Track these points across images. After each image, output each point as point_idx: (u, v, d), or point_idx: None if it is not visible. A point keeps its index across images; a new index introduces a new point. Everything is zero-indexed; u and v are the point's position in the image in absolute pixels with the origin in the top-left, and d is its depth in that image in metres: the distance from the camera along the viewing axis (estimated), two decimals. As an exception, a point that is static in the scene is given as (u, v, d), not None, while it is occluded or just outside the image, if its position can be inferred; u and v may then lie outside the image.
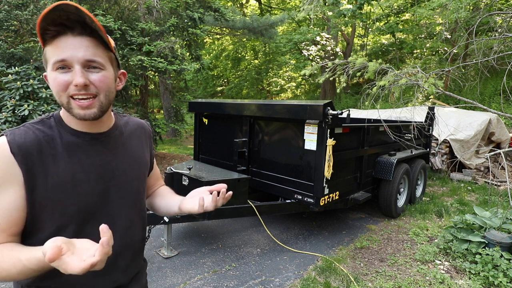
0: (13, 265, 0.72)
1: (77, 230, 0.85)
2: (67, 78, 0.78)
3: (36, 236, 0.82)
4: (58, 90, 0.79)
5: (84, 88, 0.78)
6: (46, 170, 0.80)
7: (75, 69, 0.77)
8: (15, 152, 0.77)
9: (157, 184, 1.23)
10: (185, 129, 9.38)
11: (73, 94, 0.79)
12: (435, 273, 2.93)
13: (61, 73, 0.78)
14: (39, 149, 0.80)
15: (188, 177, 3.21)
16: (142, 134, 1.08)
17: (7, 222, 0.77)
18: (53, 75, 0.79)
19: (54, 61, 0.77)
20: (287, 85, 20.34)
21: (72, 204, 0.83)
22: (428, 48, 13.66)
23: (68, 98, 0.79)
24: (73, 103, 0.80)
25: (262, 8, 19.02)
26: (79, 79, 0.77)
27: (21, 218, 0.79)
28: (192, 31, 7.07)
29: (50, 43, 0.78)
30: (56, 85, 0.79)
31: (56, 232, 0.82)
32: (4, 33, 5.36)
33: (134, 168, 0.99)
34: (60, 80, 0.78)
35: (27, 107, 4.27)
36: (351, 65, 4.02)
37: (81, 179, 0.84)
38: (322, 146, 3.10)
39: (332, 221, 4.28)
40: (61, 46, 0.77)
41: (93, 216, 0.87)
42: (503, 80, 4.21)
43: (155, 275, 2.89)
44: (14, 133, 0.80)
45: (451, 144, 6.42)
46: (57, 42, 0.77)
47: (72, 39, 0.77)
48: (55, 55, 0.77)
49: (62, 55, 0.77)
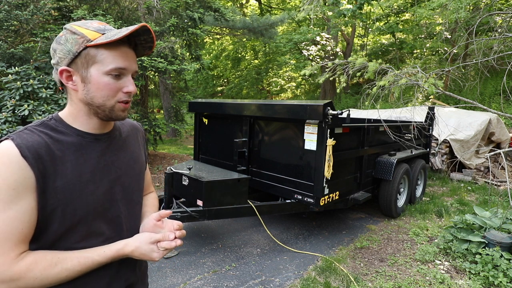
0: (79, 263, 0.81)
1: (86, 230, 0.86)
2: (118, 85, 0.85)
3: (44, 238, 0.82)
4: (108, 94, 0.84)
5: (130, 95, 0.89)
6: (55, 172, 0.80)
7: (128, 77, 0.86)
8: (26, 156, 0.76)
9: (146, 189, 1.19)
10: (185, 129, 9.38)
11: (123, 100, 0.87)
12: (435, 273, 2.93)
13: (114, 79, 0.84)
14: (48, 151, 0.80)
15: (188, 177, 3.21)
16: (137, 134, 1.10)
17: (28, 227, 0.77)
18: (105, 79, 0.83)
19: (114, 67, 0.83)
20: (287, 85, 20.33)
21: (81, 205, 0.83)
22: (428, 48, 13.65)
23: (115, 102, 0.86)
24: (118, 106, 0.87)
25: (262, 8, 19.01)
26: (134, 88, 0.87)
27: (35, 224, 0.80)
28: (192, 31, 7.06)
29: (108, 48, 0.82)
30: (108, 89, 0.84)
31: (64, 233, 0.83)
32: (4, 33, 5.36)
33: (134, 168, 1.01)
34: (114, 85, 0.84)
35: (27, 107, 4.27)
36: (351, 65, 4.02)
37: (88, 180, 0.85)
38: (322, 146, 3.10)
39: (332, 221, 4.28)
40: (123, 56, 0.84)
41: (101, 216, 0.88)
42: (503, 80, 4.21)
43: (155, 275, 2.89)
44: (20, 136, 0.79)
45: (451, 144, 6.42)
46: (118, 49, 0.83)
47: (128, 50, 0.86)
48: (116, 62, 0.83)
49: (124, 64, 0.84)
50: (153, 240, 0.90)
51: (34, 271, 0.76)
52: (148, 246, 0.89)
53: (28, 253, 0.78)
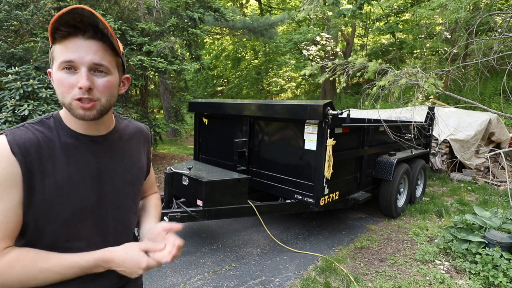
0: (59, 264, 0.78)
1: (72, 232, 0.85)
2: (72, 80, 0.78)
3: (28, 236, 0.82)
4: (62, 90, 0.79)
5: (88, 91, 0.79)
6: (44, 171, 0.80)
7: (82, 71, 0.78)
8: (15, 152, 0.76)
9: (149, 190, 1.21)
10: (185, 129, 9.38)
11: (77, 97, 0.79)
12: (435, 273, 2.93)
13: (67, 74, 0.78)
14: (38, 149, 0.80)
15: (188, 177, 3.21)
16: (141, 138, 1.08)
17: (14, 222, 0.78)
18: (58, 74, 0.79)
19: (62, 61, 0.78)
20: (287, 85, 20.33)
21: (68, 206, 0.82)
22: (428, 48, 13.66)
23: (71, 99, 0.80)
24: (75, 104, 0.80)
25: (262, 8, 19.01)
26: (85, 82, 0.77)
27: (21, 220, 0.80)
28: (192, 31, 7.06)
29: (59, 42, 0.78)
30: (61, 86, 0.79)
31: (51, 234, 0.82)
32: (4, 33, 5.36)
33: (131, 172, 0.99)
34: (66, 81, 0.78)
35: (27, 107, 4.26)
36: (351, 65, 4.02)
37: (78, 181, 0.84)
38: (322, 146, 3.10)
39: (332, 221, 4.28)
40: (71, 47, 0.77)
41: (88, 219, 0.87)
42: (503, 80, 4.21)
43: (155, 275, 2.89)
44: (14, 132, 0.80)
45: (451, 144, 6.41)
46: (67, 42, 0.78)
47: (82, 41, 0.78)
48: (63, 55, 0.78)
49: (71, 56, 0.77)
50: (142, 248, 0.84)
51: (15, 268, 0.75)
52: (137, 254, 0.83)
53: (12, 249, 0.77)
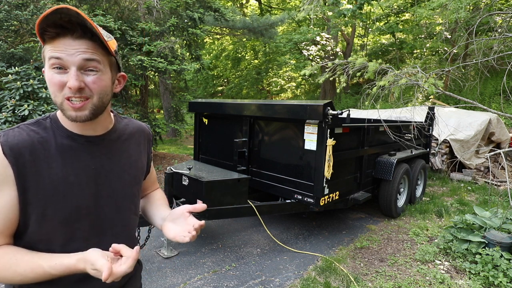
0: (32, 270, 0.76)
1: (68, 232, 0.84)
2: (62, 79, 0.77)
3: (26, 237, 0.82)
4: (53, 89, 0.79)
5: (78, 91, 0.78)
6: (38, 172, 0.79)
7: (71, 71, 0.77)
8: (7, 153, 0.76)
9: (151, 187, 1.22)
10: (185, 129, 9.38)
11: (68, 96, 0.78)
12: (435, 273, 2.93)
13: (57, 73, 0.77)
14: (32, 150, 0.80)
15: (188, 177, 3.21)
16: (141, 137, 1.07)
17: (5, 223, 0.78)
18: (49, 73, 0.78)
19: (50, 57, 0.77)
20: (287, 85, 20.33)
21: (63, 207, 0.82)
22: (428, 48, 13.66)
23: (62, 99, 0.79)
24: (66, 104, 0.79)
25: (262, 8, 19.01)
26: (74, 82, 0.76)
27: (16, 219, 0.80)
28: (192, 31, 7.06)
29: (49, 43, 0.77)
30: (51, 85, 0.78)
31: (47, 234, 0.82)
32: (4, 33, 5.36)
33: (130, 172, 0.98)
34: (56, 80, 0.77)
35: (27, 107, 4.26)
36: (351, 65, 4.02)
37: (73, 182, 0.84)
38: (322, 146, 3.10)
39: (332, 221, 4.28)
40: (60, 46, 0.76)
41: (85, 219, 0.87)
42: (503, 80, 4.21)
43: (155, 275, 2.89)
44: (7, 134, 0.80)
45: (451, 144, 6.41)
46: (56, 42, 0.77)
47: (71, 41, 0.77)
48: (51, 54, 0.77)
49: (59, 54, 0.76)
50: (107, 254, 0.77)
51: None
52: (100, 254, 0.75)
53: None
